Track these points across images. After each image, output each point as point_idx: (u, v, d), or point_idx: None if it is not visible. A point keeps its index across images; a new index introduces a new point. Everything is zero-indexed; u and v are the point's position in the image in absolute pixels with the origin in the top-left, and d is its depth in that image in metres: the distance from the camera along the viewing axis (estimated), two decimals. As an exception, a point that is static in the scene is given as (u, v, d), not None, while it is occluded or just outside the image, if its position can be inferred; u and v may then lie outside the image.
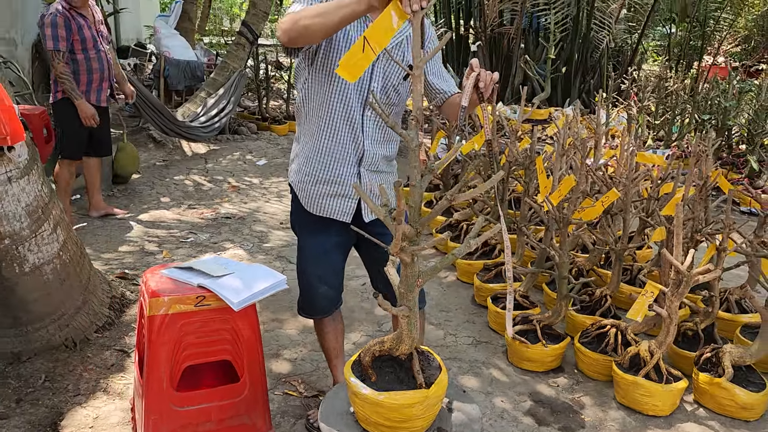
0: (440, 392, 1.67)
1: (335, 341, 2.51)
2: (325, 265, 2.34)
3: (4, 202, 2.61)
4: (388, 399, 1.62)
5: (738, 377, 2.74)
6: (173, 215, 5.18)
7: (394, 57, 1.93)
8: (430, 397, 1.62)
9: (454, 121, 2.43)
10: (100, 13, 4.64)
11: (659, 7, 11.40)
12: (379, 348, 1.71)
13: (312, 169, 2.26)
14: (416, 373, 1.66)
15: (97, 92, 4.56)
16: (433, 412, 1.69)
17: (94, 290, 3.24)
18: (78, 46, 4.37)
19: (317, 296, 2.38)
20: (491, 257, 3.98)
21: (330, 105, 2.18)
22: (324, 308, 2.43)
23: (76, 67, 4.41)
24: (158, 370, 2.12)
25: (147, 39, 13.78)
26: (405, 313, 1.65)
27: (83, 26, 4.37)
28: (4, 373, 2.84)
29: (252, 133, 8.14)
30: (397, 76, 2.21)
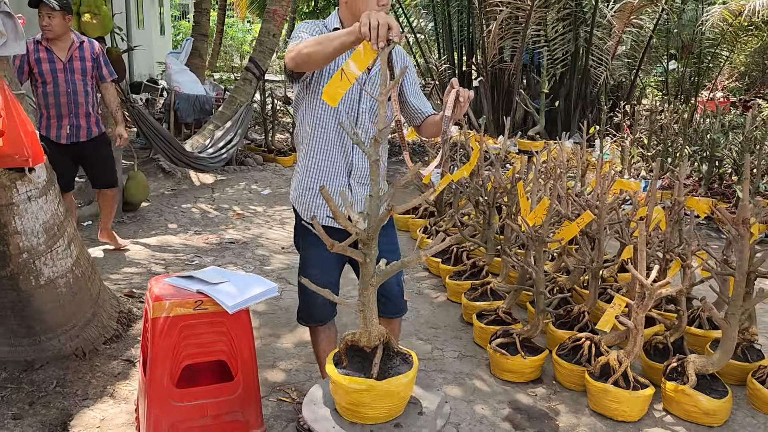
0: (393, 387, 1.85)
1: (328, 348, 2.71)
2: (324, 274, 2.53)
3: (24, 219, 2.87)
4: (341, 380, 1.85)
5: (702, 385, 2.92)
6: (179, 240, 5.43)
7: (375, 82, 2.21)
8: (376, 387, 1.81)
9: (434, 136, 2.68)
10: (90, 47, 4.44)
11: (656, 45, 11.76)
12: (351, 338, 1.93)
13: (308, 183, 2.53)
14: (373, 365, 1.87)
15: (55, 128, 4.38)
16: (389, 405, 1.87)
17: (103, 304, 3.48)
18: (38, 79, 4.29)
19: (316, 305, 2.60)
20: (479, 278, 4.19)
21: (323, 125, 2.47)
22: (321, 317, 2.65)
23: (37, 101, 4.37)
24: (160, 368, 2.34)
25: (159, 75, 14.27)
26: (360, 308, 1.88)
27: (43, 60, 4.25)
28: (18, 379, 3.07)
29: (258, 165, 8.45)
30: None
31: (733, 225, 2.79)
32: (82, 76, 4.41)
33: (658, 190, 5.74)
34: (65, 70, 4.33)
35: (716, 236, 6.06)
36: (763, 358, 3.30)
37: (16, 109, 2.49)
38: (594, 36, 9.90)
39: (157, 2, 17.31)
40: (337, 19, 2.47)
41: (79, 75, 4.40)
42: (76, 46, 4.37)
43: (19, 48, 2.49)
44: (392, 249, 2.56)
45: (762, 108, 11.36)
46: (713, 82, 13.25)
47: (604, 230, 3.53)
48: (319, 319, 2.67)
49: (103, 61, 4.52)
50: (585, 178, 4.99)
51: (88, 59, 4.42)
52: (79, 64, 4.38)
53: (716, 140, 6.86)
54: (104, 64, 4.53)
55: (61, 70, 4.31)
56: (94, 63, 4.46)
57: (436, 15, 11.61)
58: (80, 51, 4.39)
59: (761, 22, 11.14)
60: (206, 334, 2.39)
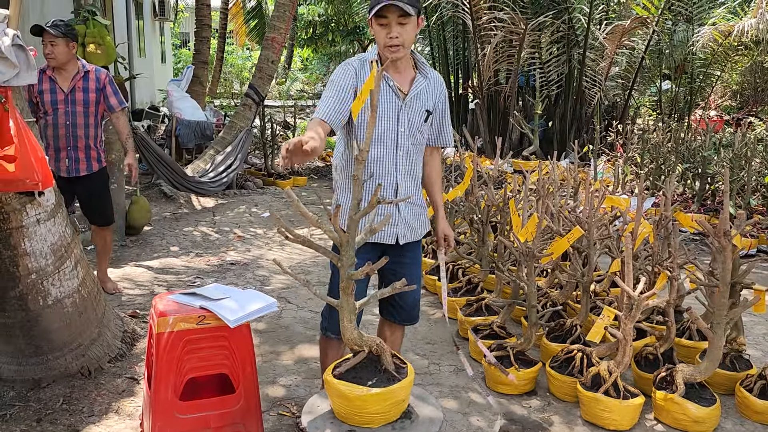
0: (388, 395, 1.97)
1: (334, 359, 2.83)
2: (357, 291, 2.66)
3: (33, 241, 2.99)
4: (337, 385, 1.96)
5: (691, 394, 3.01)
6: (182, 262, 5.54)
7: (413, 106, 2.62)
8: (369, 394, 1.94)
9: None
10: (96, 76, 4.34)
11: (648, 65, 11.98)
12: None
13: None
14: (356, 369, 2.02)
15: (54, 161, 4.26)
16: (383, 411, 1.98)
17: (108, 324, 3.58)
18: (40, 110, 4.21)
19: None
20: (474, 294, 4.29)
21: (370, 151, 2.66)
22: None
23: (40, 132, 4.16)
24: (164, 381, 2.43)
25: (160, 102, 14.50)
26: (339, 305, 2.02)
27: (45, 91, 4.17)
28: (26, 398, 3.16)
29: (258, 188, 8.59)
30: (419, 120, 2.70)
31: (715, 237, 2.90)
32: (84, 108, 4.29)
33: (651, 207, 5.88)
34: (66, 101, 4.23)
35: (707, 251, 6.16)
36: (752, 368, 3.38)
37: (28, 135, 2.62)
38: (587, 58, 10.11)
39: (159, 31, 17.63)
40: (374, 52, 2.68)
41: (81, 107, 4.28)
42: (80, 76, 4.28)
43: (31, 78, 2.62)
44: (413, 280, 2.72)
45: (755, 126, 11.55)
46: (706, 101, 13.46)
47: (594, 245, 3.63)
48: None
49: (111, 90, 4.40)
50: (577, 196, 5.11)
51: (92, 90, 4.32)
52: (81, 95, 4.28)
53: (708, 157, 7.00)
54: (113, 93, 4.41)
55: (62, 101, 4.21)
56: (99, 93, 4.35)
57: (432, 40, 11.85)
58: (84, 81, 4.30)
59: (750, 42, 11.36)
60: (209, 348, 2.49)
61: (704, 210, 6.99)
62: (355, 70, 2.62)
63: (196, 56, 11.77)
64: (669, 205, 3.79)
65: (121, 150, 5.92)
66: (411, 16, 2.50)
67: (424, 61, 2.77)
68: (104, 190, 4.58)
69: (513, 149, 10.40)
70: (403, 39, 2.54)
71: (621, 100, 11.52)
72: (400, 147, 2.67)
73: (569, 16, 10.06)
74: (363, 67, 2.63)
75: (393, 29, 2.51)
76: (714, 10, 11.89)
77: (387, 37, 2.52)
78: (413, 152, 2.73)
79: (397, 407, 2.06)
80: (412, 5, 2.48)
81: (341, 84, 2.59)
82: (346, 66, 2.65)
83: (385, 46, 2.55)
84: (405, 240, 2.77)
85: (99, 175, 4.50)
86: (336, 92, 2.57)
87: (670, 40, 11.78)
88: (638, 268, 3.59)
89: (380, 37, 2.55)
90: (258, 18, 18.67)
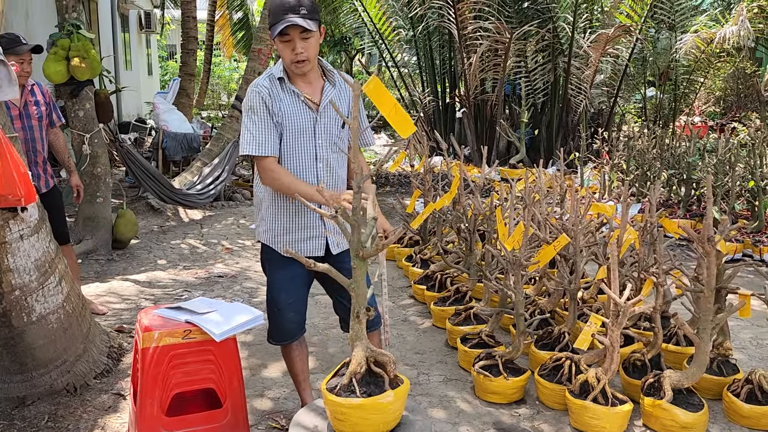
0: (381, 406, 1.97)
1: (302, 364, 2.89)
2: (293, 293, 2.75)
3: (16, 257, 2.96)
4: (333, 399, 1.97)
5: (679, 400, 3.01)
6: (169, 275, 5.51)
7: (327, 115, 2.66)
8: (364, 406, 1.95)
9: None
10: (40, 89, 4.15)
11: (633, 72, 12.09)
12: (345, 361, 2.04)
13: (282, 224, 2.74)
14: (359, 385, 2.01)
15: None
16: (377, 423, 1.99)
17: (94, 339, 3.54)
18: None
19: (286, 322, 2.76)
20: (462, 303, 4.28)
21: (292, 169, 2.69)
22: (292, 333, 2.82)
23: None
24: (150, 397, 2.41)
25: (147, 115, 14.45)
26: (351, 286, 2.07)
27: (11, 106, 3.91)
28: (10, 416, 3.12)
29: (246, 200, 8.56)
30: (336, 129, 2.73)
31: (699, 243, 2.92)
32: (38, 122, 4.08)
33: (637, 213, 5.92)
34: (21, 116, 3.99)
35: (693, 256, 6.19)
36: (738, 372, 3.40)
37: (9, 150, 2.60)
38: (572, 66, 10.18)
39: (145, 44, 17.59)
40: (280, 68, 2.69)
41: (36, 120, 4.07)
42: (28, 90, 4.07)
43: (13, 93, 2.61)
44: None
45: (738, 131, 11.67)
46: (690, 107, 13.59)
47: (580, 253, 3.65)
48: (290, 336, 2.83)
49: (53, 104, 4.24)
50: (564, 204, 5.13)
51: (42, 103, 4.13)
52: (34, 108, 4.07)
53: (692, 163, 7.06)
54: (54, 108, 4.25)
55: (17, 117, 3.96)
56: (47, 107, 4.16)
57: (418, 49, 11.89)
58: (33, 95, 4.09)
59: (732, 49, 11.49)
60: (195, 363, 2.47)
61: (690, 215, 7.03)
62: (268, 91, 2.64)
63: (183, 68, 11.75)
64: (654, 211, 3.82)
65: (107, 163, 5.91)
66: (312, 31, 2.55)
67: (331, 69, 2.79)
68: (61, 206, 4.36)
69: (500, 157, 10.45)
70: (308, 53, 2.59)
71: (606, 107, 11.61)
72: (319, 159, 2.72)
73: (554, 25, 10.14)
74: (273, 85, 2.66)
75: (297, 45, 2.55)
76: (696, 17, 12.02)
77: (293, 53, 2.57)
78: (333, 162, 2.77)
79: (390, 419, 2.06)
80: (312, 20, 2.52)
81: (261, 111, 2.63)
82: (257, 90, 2.65)
83: (292, 62, 2.60)
84: (339, 248, 2.81)
85: (54, 192, 4.28)
86: (262, 122, 2.62)
87: (654, 48, 11.90)
88: (624, 275, 3.60)
89: (286, 54, 2.60)
90: (245, 30, 18.64)
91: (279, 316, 2.76)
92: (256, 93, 2.64)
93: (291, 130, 2.65)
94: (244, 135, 2.64)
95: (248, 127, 2.63)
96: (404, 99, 12.37)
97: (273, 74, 2.68)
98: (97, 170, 5.72)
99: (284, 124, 2.65)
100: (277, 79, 2.66)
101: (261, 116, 2.62)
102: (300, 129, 2.66)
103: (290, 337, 2.81)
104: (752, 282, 5.29)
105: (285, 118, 2.65)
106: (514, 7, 10.61)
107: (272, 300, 2.76)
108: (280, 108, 2.63)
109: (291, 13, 2.48)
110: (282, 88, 2.66)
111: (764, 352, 4.06)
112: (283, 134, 2.65)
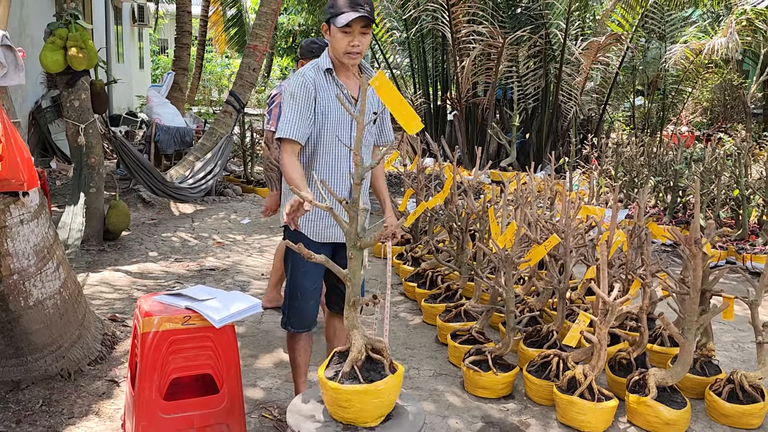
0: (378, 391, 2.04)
1: (306, 356, 2.96)
2: (316, 279, 2.84)
3: (16, 242, 2.98)
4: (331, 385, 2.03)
5: (663, 397, 3.10)
6: (160, 267, 5.53)
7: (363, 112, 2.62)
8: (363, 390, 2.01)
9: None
10: None
11: (622, 81, 12.25)
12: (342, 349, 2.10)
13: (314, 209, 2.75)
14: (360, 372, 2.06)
15: None
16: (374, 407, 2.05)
17: (89, 327, 3.57)
18: None
19: (308, 309, 2.84)
20: (453, 300, 4.35)
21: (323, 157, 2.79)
22: (312, 322, 2.90)
23: None
24: (148, 381, 2.45)
25: (138, 108, 14.41)
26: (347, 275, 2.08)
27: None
28: (4, 399, 3.14)
29: (237, 195, 8.59)
30: (369, 123, 2.83)
31: (686, 245, 3.00)
32: None
33: (625, 218, 6.02)
34: None
35: (678, 262, 6.31)
36: (720, 373, 3.49)
37: (14, 135, 2.63)
38: (563, 72, 10.30)
39: (137, 37, 17.53)
40: (327, 60, 2.77)
41: None
42: None
43: (19, 79, 2.64)
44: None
45: (724, 142, 11.85)
46: (678, 117, 13.78)
47: (570, 253, 3.73)
48: (310, 324, 2.91)
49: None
50: (554, 207, 5.22)
51: None
52: None
53: (679, 171, 7.19)
54: None
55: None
56: None
57: (411, 51, 11.97)
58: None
59: (720, 61, 11.67)
60: (193, 349, 2.51)
61: (676, 222, 7.16)
62: (313, 81, 2.72)
63: (176, 63, 11.74)
64: (642, 214, 3.91)
65: (101, 154, 5.92)
66: (371, 27, 2.66)
67: (368, 66, 2.90)
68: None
69: (491, 160, 10.54)
70: (362, 48, 2.68)
71: (596, 114, 11.76)
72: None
73: (546, 31, 10.26)
74: (318, 76, 2.74)
75: (356, 38, 2.64)
76: (686, 28, 12.20)
77: (350, 45, 2.65)
78: (364, 155, 2.85)
79: (388, 403, 2.12)
80: (372, 18, 2.63)
81: (303, 98, 2.69)
82: (304, 78, 2.72)
83: (346, 53, 2.67)
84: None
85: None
86: (299, 109, 2.68)
87: (644, 57, 12.07)
88: (612, 276, 3.69)
89: (342, 44, 2.65)
90: (238, 26, 18.65)
91: (302, 302, 2.81)
92: (302, 81, 2.71)
93: (332, 121, 2.73)
94: (280, 120, 2.70)
95: (285, 112, 2.69)
96: (396, 100, 12.42)
97: (319, 65, 2.76)
98: (91, 160, 5.73)
99: (326, 114, 2.73)
100: (324, 71, 2.74)
101: (300, 103, 2.68)
102: (340, 121, 2.75)
103: (309, 326, 2.90)
104: (736, 288, 5.41)
105: (329, 108, 2.73)
106: (508, 12, 10.72)
107: (297, 285, 2.81)
108: (324, 98, 2.71)
109: (358, 7, 2.57)
110: (327, 79, 2.74)
111: (745, 354, 4.16)
112: (324, 124, 2.73)
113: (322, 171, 2.78)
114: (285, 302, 2.90)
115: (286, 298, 2.88)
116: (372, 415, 2.03)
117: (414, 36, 11.47)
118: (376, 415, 2.03)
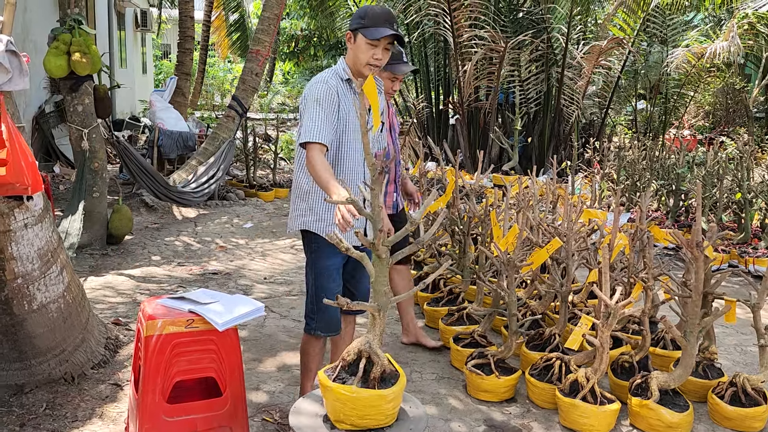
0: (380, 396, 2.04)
1: (320, 360, 2.99)
2: (339, 282, 2.90)
3: (20, 246, 3.00)
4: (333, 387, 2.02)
5: (665, 400, 3.10)
6: (163, 271, 5.54)
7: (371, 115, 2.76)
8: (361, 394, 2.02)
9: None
10: None
11: (624, 85, 12.26)
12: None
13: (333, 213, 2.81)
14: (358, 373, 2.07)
15: None
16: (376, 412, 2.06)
17: (92, 330, 3.58)
18: None
19: (336, 314, 2.87)
20: (455, 304, 4.36)
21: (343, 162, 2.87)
22: (338, 325, 2.95)
23: None
24: (152, 384, 2.46)
25: (141, 113, 14.46)
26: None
27: None
28: (8, 403, 3.15)
29: (240, 200, 8.61)
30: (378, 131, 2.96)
31: (688, 248, 3.01)
32: None
33: (627, 222, 6.02)
34: None
35: (680, 265, 6.31)
36: (723, 376, 3.49)
37: (18, 139, 2.64)
38: (565, 76, 10.31)
39: (140, 42, 17.59)
40: (344, 66, 2.86)
41: None
42: None
43: (23, 84, 2.66)
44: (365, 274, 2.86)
45: (726, 145, 11.86)
46: (680, 121, 13.79)
47: (572, 257, 3.73)
48: (335, 329, 2.96)
49: None
50: (556, 210, 5.23)
51: None
52: None
53: (681, 175, 7.19)
54: None
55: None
56: None
57: (413, 56, 11.99)
58: None
59: (722, 64, 11.68)
60: (197, 352, 2.52)
61: (678, 226, 7.16)
62: (336, 89, 2.80)
63: (179, 67, 11.77)
64: (645, 218, 3.91)
65: (104, 158, 5.95)
66: (395, 45, 2.80)
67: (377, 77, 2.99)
68: None
69: (493, 164, 10.55)
70: (384, 61, 2.80)
71: (598, 118, 11.76)
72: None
73: (548, 35, 10.28)
74: (340, 84, 2.82)
75: (379, 51, 2.75)
76: (687, 32, 12.22)
77: (373, 57, 2.75)
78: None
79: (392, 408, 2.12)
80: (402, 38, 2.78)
81: (329, 104, 2.75)
82: (327, 86, 2.79)
83: (368, 64, 2.76)
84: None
85: None
86: (326, 113, 2.73)
87: (646, 61, 12.07)
88: (614, 279, 3.69)
89: (366, 55, 2.75)
90: (240, 31, 18.72)
91: (332, 310, 2.84)
92: (326, 88, 2.77)
93: (353, 129, 2.80)
94: (305, 124, 2.72)
95: (311, 116, 2.71)
96: (398, 104, 12.47)
97: (339, 74, 2.83)
98: (94, 165, 5.75)
99: (348, 121, 2.80)
100: (345, 81, 2.83)
101: (326, 108, 2.73)
102: (359, 128, 2.77)
103: (336, 330, 2.94)
104: (738, 292, 5.40)
105: (350, 116, 2.80)
106: (510, 17, 10.74)
107: (322, 289, 2.83)
108: (346, 106, 2.79)
109: (391, 24, 2.74)
110: (348, 88, 2.83)
111: (748, 358, 4.16)
112: (345, 132, 2.80)
113: (344, 177, 2.84)
114: (311, 308, 2.92)
115: (312, 304, 2.91)
116: (376, 419, 2.03)
117: (416, 40, 11.49)
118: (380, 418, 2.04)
